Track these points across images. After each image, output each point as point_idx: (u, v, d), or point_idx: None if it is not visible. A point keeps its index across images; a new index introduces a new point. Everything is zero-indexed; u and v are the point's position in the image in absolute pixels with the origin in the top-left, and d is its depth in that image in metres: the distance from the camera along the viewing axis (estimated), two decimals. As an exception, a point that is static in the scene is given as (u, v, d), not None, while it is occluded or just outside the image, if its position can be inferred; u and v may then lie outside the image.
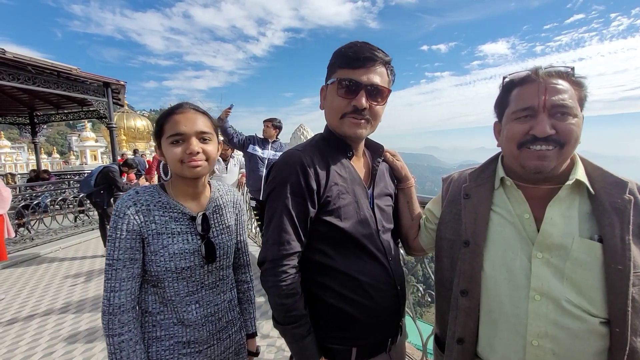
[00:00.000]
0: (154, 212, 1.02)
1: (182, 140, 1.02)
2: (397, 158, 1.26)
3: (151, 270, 1.01)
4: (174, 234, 1.03)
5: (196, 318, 1.06)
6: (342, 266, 1.00)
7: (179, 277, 1.03)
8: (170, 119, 1.03)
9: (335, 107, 1.03)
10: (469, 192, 1.01)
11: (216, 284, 1.14)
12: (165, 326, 1.04)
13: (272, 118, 4.31)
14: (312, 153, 1.03)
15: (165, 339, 1.04)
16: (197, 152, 1.01)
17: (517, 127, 0.86)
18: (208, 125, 1.07)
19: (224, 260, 1.15)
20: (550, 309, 0.80)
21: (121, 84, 7.37)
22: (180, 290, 1.04)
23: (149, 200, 1.03)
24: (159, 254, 1.00)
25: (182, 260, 1.02)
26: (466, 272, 0.93)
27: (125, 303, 0.97)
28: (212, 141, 1.08)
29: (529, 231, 0.87)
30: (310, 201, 0.98)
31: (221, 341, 1.15)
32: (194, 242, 1.06)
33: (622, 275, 0.74)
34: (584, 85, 0.85)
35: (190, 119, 1.03)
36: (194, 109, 1.06)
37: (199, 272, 1.07)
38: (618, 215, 0.79)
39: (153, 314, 1.04)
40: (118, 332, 0.95)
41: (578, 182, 0.85)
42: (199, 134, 1.03)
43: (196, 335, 1.07)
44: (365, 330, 1.02)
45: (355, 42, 1.01)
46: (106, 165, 5.50)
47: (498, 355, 0.88)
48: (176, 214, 1.06)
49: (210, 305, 1.11)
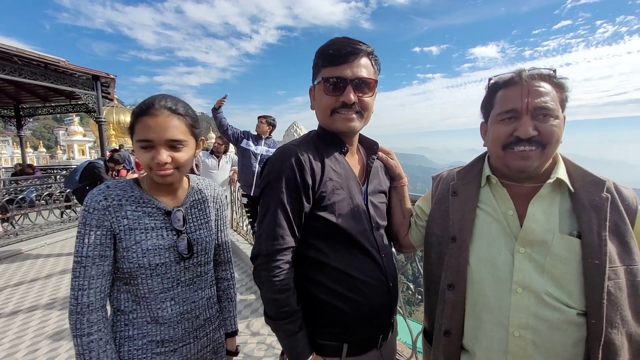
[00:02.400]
0: (126, 207, 0.98)
1: (151, 147, 0.95)
2: (391, 156, 1.27)
3: (123, 267, 0.97)
4: (147, 229, 1.00)
5: (171, 315, 1.03)
6: (335, 262, 1.01)
7: (152, 273, 1.00)
8: (141, 120, 0.95)
9: (324, 105, 1.04)
10: (456, 190, 1.04)
11: (193, 281, 1.10)
12: (138, 325, 1.01)
13: (267, 115, 4.31)
14: (307, 148, 1.03)
15: (138, 338, 1.00)
16: (165, 162, 0.95)
17: (501, 129, 0.90)
18: (182, 130, 0.98)
19: (202, 256, 1.11)
20: (531, 301, 0.84)
21: (111, 77, 7.25)
22: (154, 287, 1.00)
23: (120, 195, 0.99)
24: (132, 250, 0.97)
25: (156, 257, 0.99)
26: (453, 267, 0.96)
27: (95, 302, 0.93)
28: (186, 147, 1.00)
29: (512, 227, 0.91)
30: (305, 196, 0.98)
31: (198, 339, 1.12)
32: (169, 237, 1.03)
33: (598, 269, 0.78)
34: (565, 87, 0.89)
35: (160, 125, 0.94)
36: (169, 110, 0.96)
37: (174, 268, 1.04)
38: (596, 213, 0.83)
39: (125, 312, 1.01)
40: (87, 332, 0.91)
41: (559, 181, 0.89)
42: (169, 142, 0.96)
43: (171, 333, 1.04)
44: (357, 327, 1.03)
45: (335, 38, 1.02)
46: (91, 161, 5.38)
47: (482, 346, 0.91)
48: (150, 208, 1.02)
49: (186, 302, 1.07)
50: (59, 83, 6.38)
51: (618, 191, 0.87)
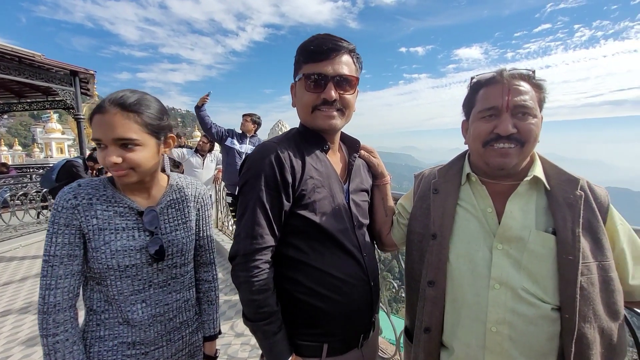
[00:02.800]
0: (97, 207, 0.96)
1: (105, 146, 0.91)
2: (373, 155, 1.27)
3: (93, 267, 0.95)
4: (117, 229, 0.97)
5: (142, 318, 1.00)
6: (316, 261, 0.99)
7: (122, 275, 0.97)
8: (94, 118, 0.91)
9: (305, 102, 1.02)
10: (437, 188, 1.04)
11: (167, 283, 1.07)
12: (109, 325, 0.99)
13: (252, 113, 4.27)
14: (287, 145, 1.01)
15: (109, 338, 0.98)
16: (115, 163, 0.90)
17: (482, 126, 0.91)
18: (133, 128, 0.92)
19: (177, 258, 1.08)
20: (508, 297, 0.85)
21: (90, 73, 7.03)
22: (124, 289, 0.98)
23: (91, 194, 0.96)
24: (100, 250, 0.94)
25: (126, 258, 0.96)
26: (433, 264, 0.96)
27: (62, 302, 0.91)
28: (141, 146, 0.94)
29: (491, 224, 0.92)
30: (285, 194, 0.96)
31: (172, 343, 1.09)
32: (140, 238, 1.00)
33: (572, 265, 0.80)
34: (544, 87, 0.91)
35: (108, 123, 0.89)
36: (119, 107, 0.90)
37: (146, 270, 1.01)
38: (570, 210, 0.85)
39: (97, 312, 0.99)
40: (52, 332, 0.90)
41: (536, 179, 0.90)
42: (117, 142, 0.91)
43: (142, 336, 1.01)
44: (337, 326, 1.02)
45: (317, 34, 1.00)
46: (69, 159, 5.18)
47: (460, 342, 0.92)
48: (122, 208, 0.99)
49: (159, 304, 1.04)
50: (35, 78, 6.12)
51: (591, 189, 0.89)
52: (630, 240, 0.88)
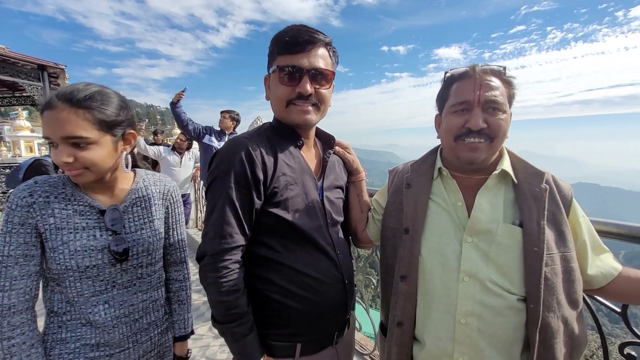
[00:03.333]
0: (54, 205, 0.92)
1: (55, 145, 0.86)
2: (348, 151, 1.25)
3: (52, 268, 0.92)
4: (77, 229, 0.93)
5: (105, 320, 0.97)
6: (288, 260, 0.97)
7: (82, 276, 0.93)
8: (43, 115, 0.85)
9: (279, 96, 0.99)
10: (410, 182, 1.05)
11: (132, 283, 1.04)
12: (71, 327, 0.95)
13: (230, 110, 4.19)
14: (259, 141, 0.98)
15: (70, 341, 0.95)
16: (66, 162, 0.86)
17: (454, 120, 0.92)
18: (83, 126, 0.86)
19: (143, 257, 1.04)
20: (476, 289, 0.86)
21: (60, 67, 6.68)
22: (84, 290, 0.94)
23: (48, 192, 0.92)
24: (58, 250, 0.90)
25: (86, 258, 0.93)
26: (405, 258, 0.97)
27: (17, 304, 0.87)
28: (94, 144, 0.89)
29: (461, 218, 0.93)
30: (256, 192, 0.93)
31: (139, 344, 1.06)
32: (102, 238, 0.96)
33: (537, 256, 0.82)
34: (513, 84, 0.92)
35: (56, 121, 0.84)
36: (69, 103, 0.85)
37: (108, 270, 0.97)
38: (536, 202, 0.87)
39: (59, 314, 0.95)
40: (7, 335, 0.86)
41: (504, 172, 0.92)
42: (67, 140, 0.85)
43: (106, 337, 0.98)
44: (311, 325, 1.00)
45: (293, 25, 0.98)
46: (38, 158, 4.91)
47: (431, 335, 0.93)
48: (82, 207, 0.95)
49: (123, 305, 1.01)
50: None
51: (556, 183, 0.92)
52: (589, 233, 0.92)
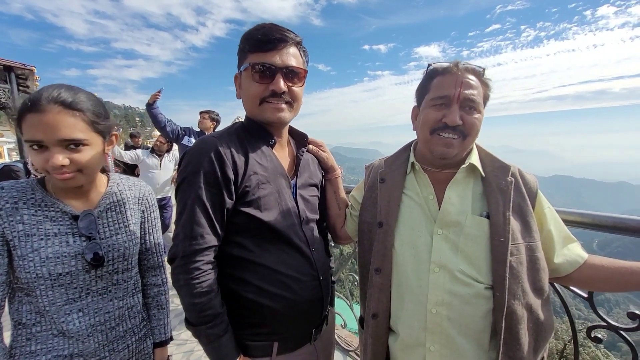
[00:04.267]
0: (23, 211, 0.89)
1: (44, 148, 0.84)
2: (322, 149, 1.26)
3: (20, 277, 0.88)
4: (48, 235, 0.90)
5: (79, 329, 0.94)
6: (262, 259, 0.97)
7: (54, 284, 0.90)
8: (27, 118, 0.82)
9: (252, 94, 0.99)
10: (384, 177, 1.07)
11: (108, 290, 1.01)
12: (42, 339, 0.92)
13: (209, 110, 4.10)
14: (229, 140, 0.97)
15: (41, 353, 0.91)
16: (62, 165, 0.84)
17: (432, 114, 0.94)
18: (80, 127, 0.86)
19: (118, 263, 1.02)
20: (446, 279, 0.89)
21: (29, 68, 6.38)
22: (56, 298, 0.91)
23: (17, 197, 0.89)
24: (28, 258, 0.87)
25: (59, 265, 0.90)
26: (379, 251, 0.99)
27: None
28: (88, 146, 0.89)
29: (432, 211, 0.96)
30: (227, 191, 0.93)
31: (115, 352, 1.03)
32: (76, 244, 0.93)
33: (502, 246, 0.86)
34: (490, 86, 0.96)
35: (50, 124, 0.81)
36: (61, 105, 0.83)
37: (82, 277, 0.95)
38: (502, 195, 0.91)
39: (27, 325, 0.92)
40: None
41: (472, 166, 0.96)
42: (63, 142, 0.84)
43: (80, 347, 0.95)
44: (287, 323, 1.00)
45: (263, 24, 0.98)
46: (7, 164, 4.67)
47: (404, 325, 0.95)
48: (53, 212, 0.93)
49: (98, 313, 0.98)
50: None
51: (522, 176, 0.96)
52: (555, 223, 0.96)
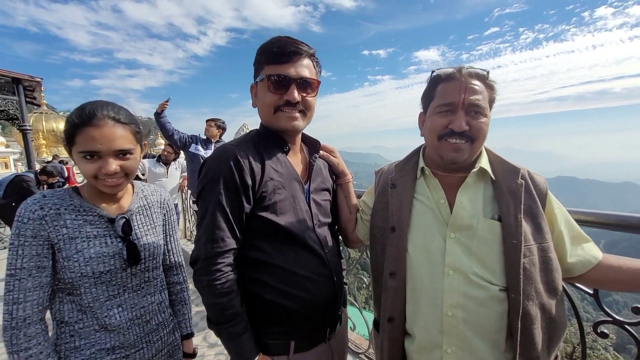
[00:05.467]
0: (65, 216, 0.96)
1: (98, 157, 0.94)
2: (334, 154, 1.29)
3: (65, 277, 0.95)
4: (89, 237, 0.98)
5: (120, 322, 1.03)
6: (278, 261, 1.01)
7: (97, 281, 0.99)
8: (84, 131, 0.91)
9: (267, 103, 1.03)
10: (394, 182, 1.09)
11: (141, 286, 1.10)
12: (85, 335, 0.99)
13: (215, 118, 4.17)
14: (246, 148, 1.02)
15: (85, 348, 0.99)
16: (115, 172, 0.95)
17: (438, 121, 0.96)
18: (129, 139, 0.98)
19: (149, 262, 1.11)
20: (461, 282, 0.91)
21: (36, 80, 6.49)
22: (99, 295, 1.00)
23: (58, 204, 0.96)
24: (73, 259, 0.95)
25: (100, 264, 0.98)
26: (393, 255, 1.01)
27: (32, 315, 0.90)
28: (133, 154, 1.01)
29: (444, 215, 0.98)
30: (245, 197, 0.97)
31: (151, 344, 1.12)
32: (113, 245, 1.02)
33: (515, 248, 0.87)
34: (495, 88, 0.98)
35: (107, 136, 0.92)
36: (113, 120, 0.95)
37: (120, 275, 1.03)
38: (512, 197, 0.92)
39: (70, 323, 0.99)
40: (24, 346, 0.89)
41: (482, 170, 0.97)
42: (117, 152, 0.95)
43: (122, 339, 1.03)
44: (303, 322, 1.04)
45: (279, 37, 1.03)
46: (18, 174, 4.78)
47: (421, 328, 0.96)
48: (91, 217, 1.01)
49: (135, 308, 1.07)
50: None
51: (531, 178, 0.97)
52: (566, 223, 0.97)
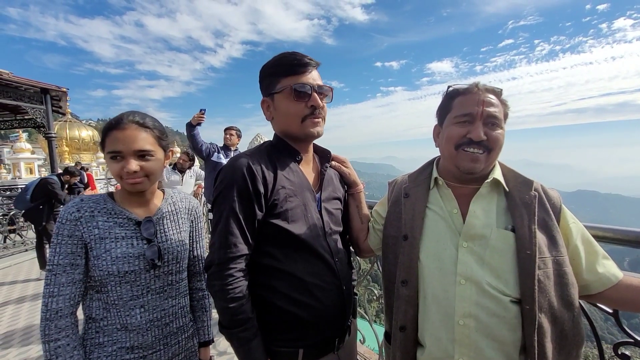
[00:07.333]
0: (98, 218, 1.04)
1: (121, 157, 1.02)
2: (345, 164, 1.32)
3: (94, 274, 1.02)
4: (117, 238, 1.05)
5: (140, 322, 1.06)
6: (289, 268, 1.02)
7: (122, 280, 1.04)
8: (110, 134, 1.02)
9: (293, 113, 1.07)
10: (408, 192, 1.11)
11: (164, 289, 1.13)
12: (108, 332, 1.04)
13: (233, 126, 4.28)
14: (259, 157, 1.06)
15: (108, 344, 1.04)
16: (135, 171, 1.02)
17: (456, 130, 0.98)
18: (149, 141, 1.06)
19: (172, 265, 1.15)
20: (473, 291, 0.90)
21: (62, 90, 6.83)
22: (123, 294, 1.04)
23: (93, 207, 1.05)
24: (102, 257, 1.01)
25: (126, 264, 1.03)
26: (405, 264, 1.01)
27: (64, 308, 0.97)
28: (154, 157, 1.07)
29: (457, 224, 0.98)
30: (258, 204, 1.00)
31: (169, 347, 1.14)
32: (139, 246, 1.07)
33: (530, 259, 0.87)
34: (508, 105, 1.01)
35: (128, 137, 1.02)
36: (137, 124, 1.04)
37: (144, 276, 1.08)
38: (526, 209, 0.92)
39: (96, 320, 1.04)
40: (54, 337, 0.95)
41: (496, 181, 0.98)
42: (137, 153, 1.03)
43: (140, 340, 1.07)
44: (312, 331, 1.04)
45: (286, 52, 1.09)
46: (44, 177, 5.00)
47: (432, 337, 0.96)
48: (121, 219, 1.08)
49: (156, 310, 1.11)
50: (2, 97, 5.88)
51: (544, 191, 0.97)
52: (583, 238, 0.95)
